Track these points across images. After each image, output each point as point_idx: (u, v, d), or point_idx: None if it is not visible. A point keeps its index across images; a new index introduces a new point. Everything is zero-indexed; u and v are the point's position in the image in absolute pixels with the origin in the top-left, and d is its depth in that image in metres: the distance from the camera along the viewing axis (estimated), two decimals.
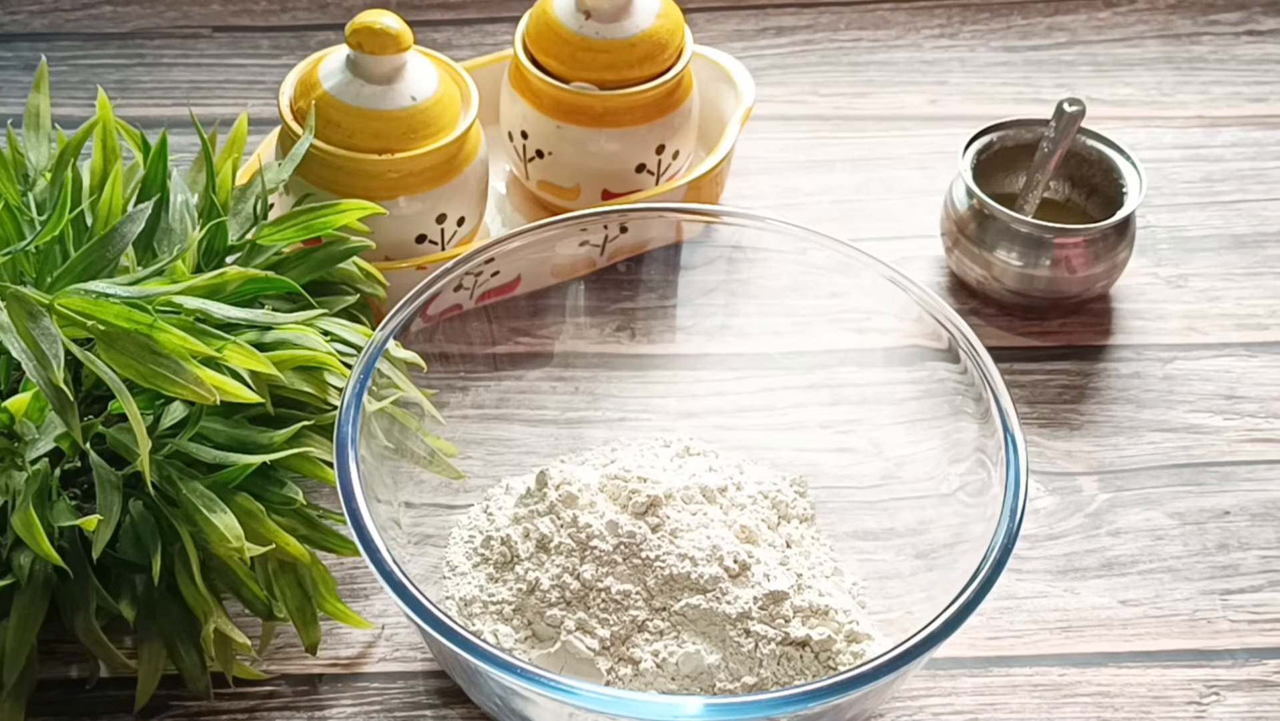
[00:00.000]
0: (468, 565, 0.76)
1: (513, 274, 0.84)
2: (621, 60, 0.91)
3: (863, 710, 0.69)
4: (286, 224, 0.80)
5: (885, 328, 0.80)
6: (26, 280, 0.73)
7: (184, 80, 1.08)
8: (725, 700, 0.66)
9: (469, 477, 0.80)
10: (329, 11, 1.13)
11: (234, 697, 0.74)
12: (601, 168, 0.93)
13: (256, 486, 0.72)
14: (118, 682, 0.74)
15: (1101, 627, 0.78)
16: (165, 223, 0.78)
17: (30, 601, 0.69)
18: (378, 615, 0.78)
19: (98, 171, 0.79)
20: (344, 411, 0.71)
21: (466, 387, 0.83)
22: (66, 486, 0.72)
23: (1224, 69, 1.11)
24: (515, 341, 0.85)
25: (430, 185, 0.87)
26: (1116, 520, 0.83)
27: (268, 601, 0.72)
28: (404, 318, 0.75)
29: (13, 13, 1.11)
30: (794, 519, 0.79)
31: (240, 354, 0.70)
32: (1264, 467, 0.86)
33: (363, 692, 0.75)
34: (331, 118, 0.85)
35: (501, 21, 1.12)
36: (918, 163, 1.03)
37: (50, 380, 0.65)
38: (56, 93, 1.03)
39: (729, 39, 1.12)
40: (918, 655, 0.64)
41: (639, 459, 0.79)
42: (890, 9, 1.15)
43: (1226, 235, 0.99)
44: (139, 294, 0.69)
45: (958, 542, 0.73)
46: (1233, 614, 0.79)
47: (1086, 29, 1.14)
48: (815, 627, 0.72)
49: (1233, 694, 0.76)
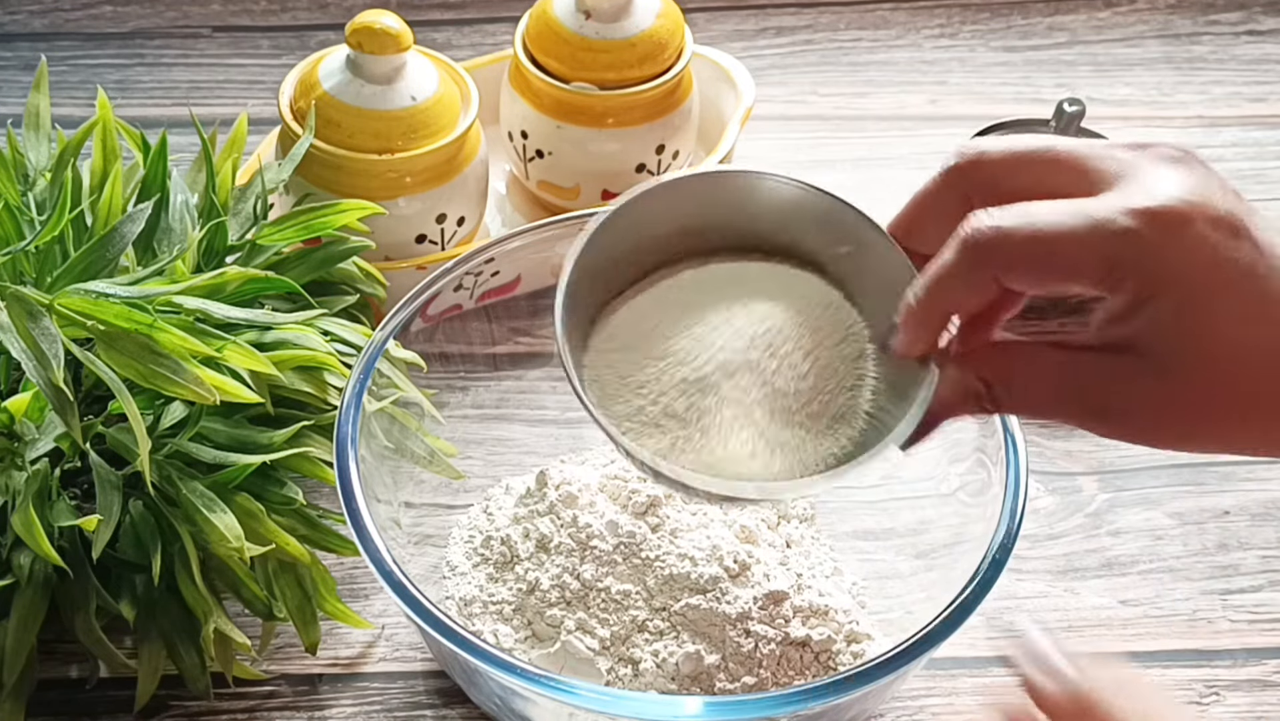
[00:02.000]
0: (468, 565, 0.76)
1: (513, 274, 0.84)
2: (621, 60, 0.91)
3: (863, 710, 0.69)
4: (286, 224, 0.80)
5: None
6: (26, 280, 0.73)
7: (184, 80, 1.08)
8: (725, 700, 0.66)
9: (469, 477, 0.80)
10: (329, 11, 1.13)
11: (234, 697, 0.74)
12: (601, 168, 0.93)
13: (256, 486, 0.72)
14: (118, 682, 0.74)
15: (1101, 627, 0.78)
16: (165, 223, 0.78)
17: (30, 601, 0.69)
18: (378, 615, 0.78)
19: (98, 171, 0.79)
20: (344, 411, 0.71)
21: (466, 387, 0.83)
22: (66, 486, 0.72)
23: (1224, 69, 1.11)
24: (515, 341, 0.85)
25: (430, 185, 0.87)
26: (1116, 520, 0.83)
27: (268, 601, 0.72)
28: (404, 318, 0.75)
29: (13, 13, 1.11)
30: (794, 519, 0.79)
31: (240, 354, 0.70)
32: (1264, 467, 0.86)
33: (363, 692, 0.75)
34: (331, 118, 0.85)
35: (501, 21, 1.12)
36: (918, 163, 1.03)
37: (50, 380, 0.65)
38: (56, 93, 1.03)
39: (729, 39, 1.12)
40: (918, 655, 0.64)
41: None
42: (890, 9, 1.15)
43: None
44: (139, 294, 0.69)
45: (958, 542, 0.72)
46: (1233, 614, 0.79)
47: (1086, 29, 1.14)
48: (815, 627, 0.72)
49: (1233, 694, 0.76)
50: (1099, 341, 0.56)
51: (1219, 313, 0.54)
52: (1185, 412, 0.55)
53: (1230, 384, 0.54)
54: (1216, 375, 0.54)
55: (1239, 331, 0.54)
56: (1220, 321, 0.54)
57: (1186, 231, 0.53)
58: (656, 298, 0.64)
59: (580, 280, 0.62)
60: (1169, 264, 0.53)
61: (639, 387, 0.62)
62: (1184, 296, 0.54)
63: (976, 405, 0.58)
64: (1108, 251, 0.53)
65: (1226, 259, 0.54)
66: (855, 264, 0.62)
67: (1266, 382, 0.54)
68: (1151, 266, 0.53)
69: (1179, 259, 0.53)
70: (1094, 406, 0.56)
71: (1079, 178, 0.55)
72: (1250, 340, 0.54)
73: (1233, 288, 0.54)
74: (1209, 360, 0.54)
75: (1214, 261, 0.54)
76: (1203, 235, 0.53)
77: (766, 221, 0.63)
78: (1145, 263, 0.53)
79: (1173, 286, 0.54)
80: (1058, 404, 0.56)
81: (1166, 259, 0.53)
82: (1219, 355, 0.54)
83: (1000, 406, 0.57)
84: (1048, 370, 0.56)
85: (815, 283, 0.63)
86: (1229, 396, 0.55)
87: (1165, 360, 0.54)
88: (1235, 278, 0.54)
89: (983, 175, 0.56)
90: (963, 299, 0.56)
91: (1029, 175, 0.56)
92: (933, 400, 0.58)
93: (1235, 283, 0.54)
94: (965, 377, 0.57)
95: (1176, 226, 0.53)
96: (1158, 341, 0.54)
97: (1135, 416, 0.56)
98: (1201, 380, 0.54)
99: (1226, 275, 0.54)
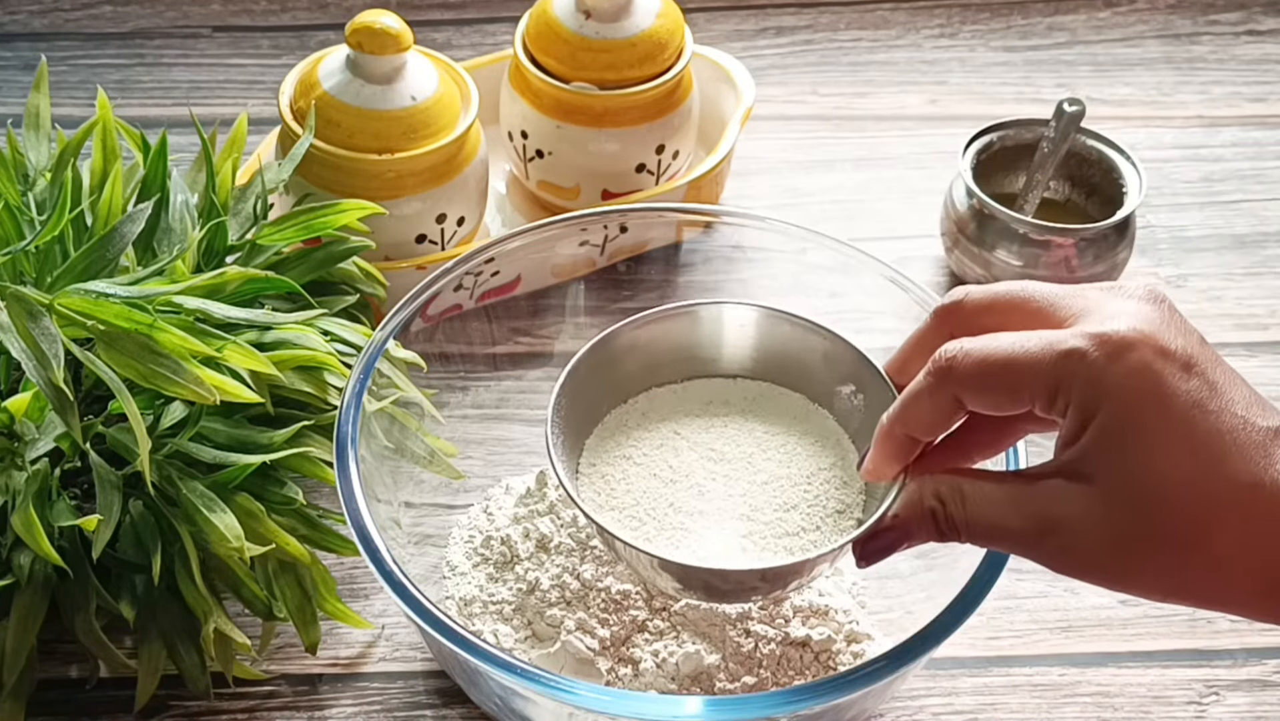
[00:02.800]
0: (468, 565, 0.76)
1: (513, 274, 0.84)
2: (621, 60, 0.91)
3: (863, 710, 0.69)
4: (286, 224, 0.80)
5: (885, 328, 0.79)
6: (26, 280, 0.73)
7: (184, 80, 1.08)
8: (725, 700, 0.66)
9: (469, 477, 0.80)
10: (329, 11, 1.13)
11: (234, 697, 0.74)
12: (601, 168, 0.93)
13: (256, 486, 0.72)
14: (118, 682, 0.74)
15: (1101, 627, 0.78)
16: (165, 223, 0.78)
17: (30, 601, 0.69)
18: (378, 615, 0.78)
19: (98, 171, 0.79)
20: (344, 411, 0.71)
21: (466, 387, 0.83)
22: (66, 486, 0.72)
23: (1224, 69, 1.11)
24: (515, 341, 0.85)
25: (430, 185, 0.87)
26: None
27: (268, 601, 0.72)
28: (404, 318, 0.75)
29: (13, 13, 1.11)
30: None
31: (240, 354, 0.70)
32: None
33: (363, 692, 0.75)
34: (331, 118, 0.85)
35: (501, 21, 1.12)
36: (918, 163, 1.03)
37: (50, 380, 0.65)
38: (56, 93, 1.03)
39: (729, 39, 1.12)
40: (918, 655, 0.64)
41: None
42: (890, 9, 1.15)
43: (1226, 235, 0.99)
44: (139, 294, 0.69)
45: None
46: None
47: (1086, 29, 1.14)
48: (815, 627, 0.72)
49: (1233, 694, 0.76)
50: (1055, 469, 0.57)
51: (1156, 441, 0.54)
52: (1124, 545, 0.55)
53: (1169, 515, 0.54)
54: (1159, 502, 0.54)
55: (1181, 463, 0.54)
56: (1158, 451, 0.54)
57: (1130, 355, 0.54)
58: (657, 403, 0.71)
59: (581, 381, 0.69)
60: (1109, 381, 0.54)
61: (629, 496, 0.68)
62: (1123, 416, 0.54)
63: (933, 526, 0.59)
64: (1055, 369, 0.55)
65: (1171, 388, 0.54)
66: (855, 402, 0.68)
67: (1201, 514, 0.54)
68: (1093, 382, 0.55)
69: (1120, 378, 0.54)
70: (1041, 530, 0.56)
71: (1048, 316, 0.58)
72: (1185, 476, 0.54)
73: (1173, 416, 0.54)
74: (1143, 489, 0.54)
75: (1156, 387, 0.54)
76: (1146, 361, 0.54)
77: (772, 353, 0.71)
78: (1087, 379, 0.55)
79: (1111, 404, 0.54)
80: (1006, 526, 0.57)
81: (1107, 376, 0.55)
82: (1159, 483, 0.54)
83: (955, 528, 0.59)
84: (998, 493, 0.58)
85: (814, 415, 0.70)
86: (1166, 526, 0.54)
87: (1107, 483, 0.55)
88: (1179, 408, 0.54)
89: (963, 314, 0.60)
90: (927, 416, 0.59)
91: (1003, 315, 0.59)
92: (891, 518, 0.61)
93: (1177, 413, 0.54)
94: (923, 497, 0.59)
95: (1121, 349, 0.55)
96: (1100, 463, 0.55)
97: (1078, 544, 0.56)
98: (1139, 510, 0.55)
99: (1167, 403, 0.54)
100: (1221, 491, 0.54)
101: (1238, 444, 0.54)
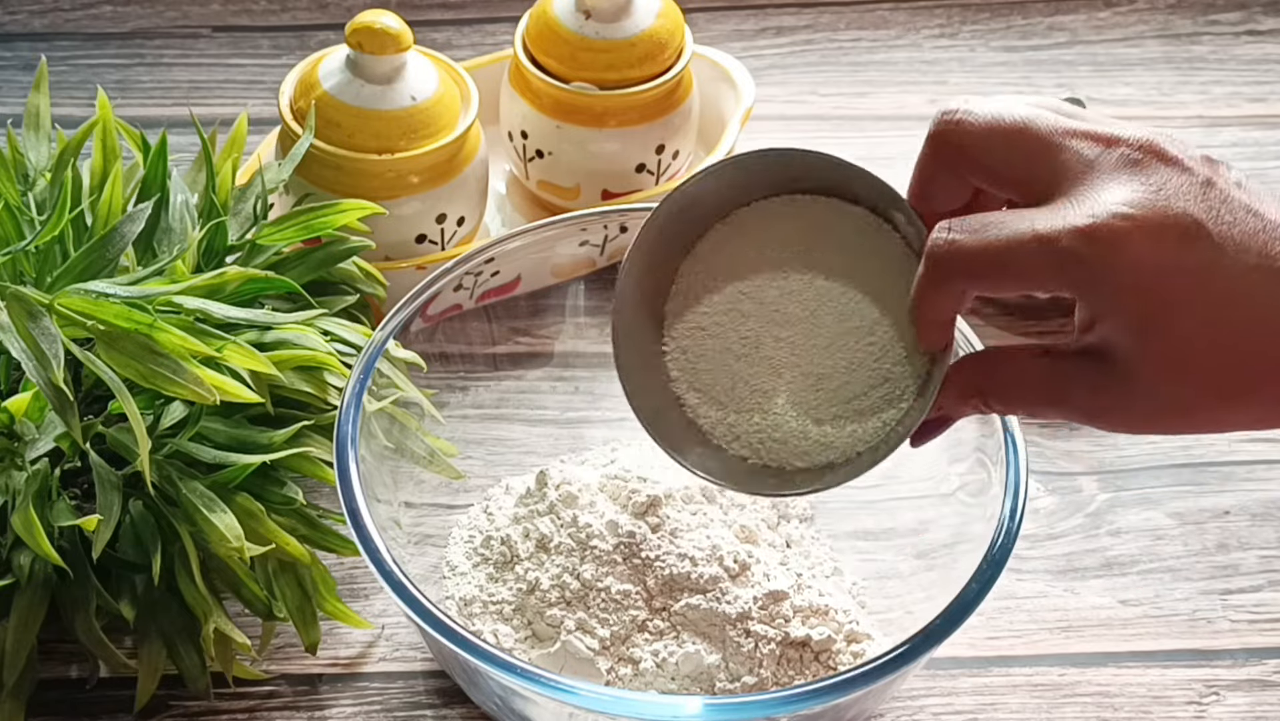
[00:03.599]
0: (468, 565, 0.76)
1: (513, 274, 0.84)
2: (621, 60, 0.91)
3: (863, 710, 0.69)
4: (286, 224, 0.80)
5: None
6: (26, 280, 0.73)
7: (184, 80, 1.08)
8: (725, 700, 0.66)
9: (469, 477, 0.80)
10: (329, 11, 1.13)
11: (234, 697, 0.74)
12: (601, 168, 0.93)
13: (256, 486, 0.72)
14: (118, 682, 0.74)
15: (1101, 627, 0.78)
16: (165, 223, 0.78)
17: (30, 601, 0.69)
18: (378, 615, 0.78)
19: (98, 171, 0.79)
20: (344, 411, 0.71)
21: (466, 387, 0.83)
22: (66, 486, 0.72)
23: (1224, 69, 1.11)
24: (515, 341, 0.85)
25: (430, 185, 0.87)
26: (1116, 520, 0.83)
27: (268, 601, 0.72)
28: (404, 318, 0.75)
29: (13, 13, 1.11)
30: (794, 518, 0.79)
31: (240, 354, 0.70)
32: (1264, 468, 0.86)
33: (363, 692, 0.75)
34: (331, 118, 0.85)
35: (501, 21, 1.12)
36: None
37: (50, 380, 0.65)
38: (56, 93, 1.03)
39: (729, 39, 1.12)
40: (918, 655, 0.64)
41: (639, 459, 0.79)
42: (890, 9, 1.15)
43: None
44: (139, 294, 0.69)
45: (957, 542, 0.73)
46: (1233, 614, 0.79)
47: (1086, 29, 1.14)
48: (815, 627, 0.72)
49: (1233, 694, 0.76)
50: (1078, 347, 0.57)
51: (1173, 325, 0.55)
52: (1166, 410, 0.57)
53: (1201, 384, 0.55)
54: (1184, 378, 0.55)
55: (1199, 336, 0.55)
56: (1176, 333, 0.55)
57: (1125, 250, 0.54)
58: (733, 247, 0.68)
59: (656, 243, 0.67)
60: (1107, 286, 0.54)
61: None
62: (1132, 313, 0.55)
63: (977, 404, 0.61)
64: (1052, 272, 0.55)
65: (1174, 269, 0.54)
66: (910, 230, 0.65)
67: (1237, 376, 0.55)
68: (1094, 289, 0.55)
69: (1119, 280, 0.54)
70: (1080, 407, 0.58)
71: (1043, 168, 0.57)
72: (1212, 342, 0.55)
73: (1182, 297, 0.54)
74: (1171, 366, 0.55)
75: (1157, 277, 0.54)
76: (1141, 253, 0.54)
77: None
78: (1087, 283, 0.55)
79: (1117, 306, 0.55)
80: (1047, 405, 0.59)
81: (1105, 281, 0.54)
82: (1181, 361, 0.55)
83: (995, 408, 0.61)
84: (1030, 377, 0.59)
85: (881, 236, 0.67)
86: (1203, 394, 0.56)
87: (1130, 367, 0.56)
88: (1187, 286, 0.54)
89: (960, 142, 0.59)
90: (944, 305, 0.59)
91: (1000, 154, 0.58)
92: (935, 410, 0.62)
93: (1186, 291, 0.54)
94: (963, 393, 0.60)
95: (1114, 246, 0.54)
96: (1119, 351, 0.56)
97: (1121, 414, 0.57)
98: (1169, 385, 0.56)
99: (1174, 288, 0.54)
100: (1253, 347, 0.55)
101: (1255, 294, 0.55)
